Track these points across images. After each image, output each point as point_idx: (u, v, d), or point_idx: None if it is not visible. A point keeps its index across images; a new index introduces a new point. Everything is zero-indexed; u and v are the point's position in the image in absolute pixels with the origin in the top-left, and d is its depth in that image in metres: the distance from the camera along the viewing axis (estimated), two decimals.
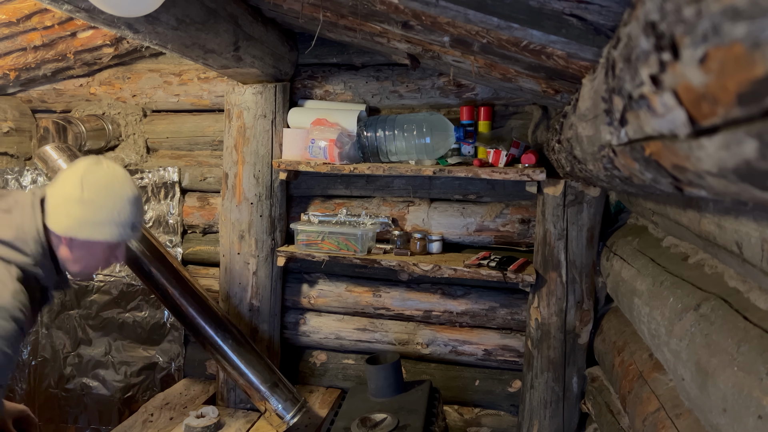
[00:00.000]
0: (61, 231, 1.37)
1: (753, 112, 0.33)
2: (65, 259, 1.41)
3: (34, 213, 1.37)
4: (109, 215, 1.38)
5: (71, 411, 2.71)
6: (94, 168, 1.39)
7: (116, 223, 1.39)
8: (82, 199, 1.35)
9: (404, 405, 1.90)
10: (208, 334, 2.06)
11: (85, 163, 1.40)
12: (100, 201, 1.37)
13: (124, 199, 1.39)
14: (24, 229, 1.35)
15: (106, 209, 1.37)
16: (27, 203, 1.38)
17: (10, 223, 1.35)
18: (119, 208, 1.38)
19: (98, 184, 1.37)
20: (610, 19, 1.03)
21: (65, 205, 1.36)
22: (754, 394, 0.76)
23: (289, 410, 2.06)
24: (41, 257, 1.37)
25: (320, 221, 2.29)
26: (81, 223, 1.36)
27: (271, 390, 2.06)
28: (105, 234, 1.38)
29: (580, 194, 1.95)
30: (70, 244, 1.39)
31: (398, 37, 1.73)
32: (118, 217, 1.39)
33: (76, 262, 1.42)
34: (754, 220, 0.82)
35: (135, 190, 1.44)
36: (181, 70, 2.52)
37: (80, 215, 1.36)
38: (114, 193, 1.38)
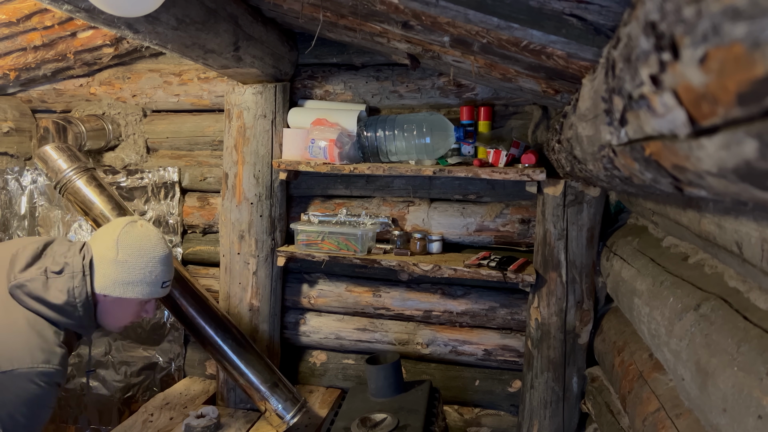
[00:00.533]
0: (98, 289, 1.47)
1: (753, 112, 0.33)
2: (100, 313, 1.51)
3: (84, 279, 1.44)
4: (141, 275, 1.48)
5: (71, 411, 2.71)
6: (129, 229, 1.50)
7: (147, 282, 1.50)
8: (117, 260, 1.46)
9: (404, 405, 1.90)
10: (208, 334, 2.06)
11: (122, 223, 1.51)
12: (133, 262, 1.47)
13: (155, 260, 1.50)
14: (74, 295, 1.42)
15: (138, 270, 1.48)
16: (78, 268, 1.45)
17: (61, 287, 1.42)
18: (150, 268, 1.49)
19: (132, 246, 1.48)
20: (610, 19, 1.03)
21: (101, 265, 1.46)
22: (754, 394, 0.76)
23: (289, 410, 2.06)
24: (86, 318, 1.46)
25: (320, 221, 2.29)
26: (115, 283, 1.47)
27: (271, 390, 2.06)
28: (137, 292, 1.49)
29: (580, 194, 1.95)
30: (105, 301, 1.49)
31: (398, 37, 1.73)
32: (150, 277, 1.50)
33: (110, 316, 1.52)
34: (754, 220, 0.82)
35: (166, 249, 1.55)
36: (181, 70, 2.52)
37: (114, 275, 1.46)
38: (146, 254, 1.49)
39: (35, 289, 1.40)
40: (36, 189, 2.71)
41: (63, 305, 1.40)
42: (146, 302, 1.56)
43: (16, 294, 1.40)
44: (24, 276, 1.41)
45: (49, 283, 1.41)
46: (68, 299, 1.41)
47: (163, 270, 1.53)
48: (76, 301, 1.42)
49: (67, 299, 1.41)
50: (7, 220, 2.73)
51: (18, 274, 1.41)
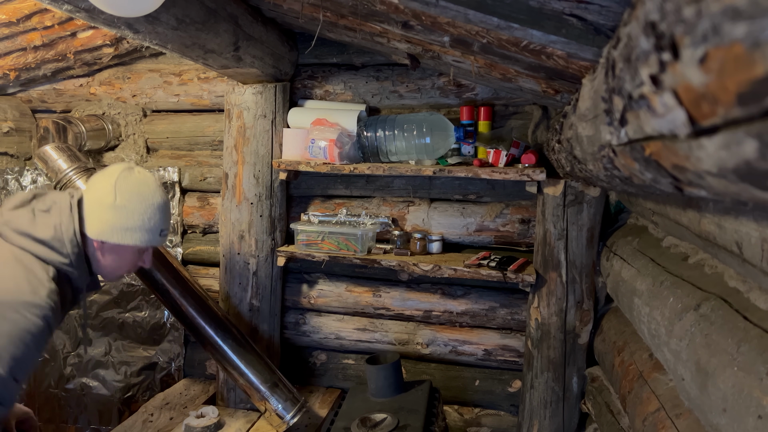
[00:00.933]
0: (94, 235, 1.44)
1: (753, 112, 0.33)
2: (96, 261, 1.48)
3: (71, 215, 1.42)
4: (140, 221, 1.45)
5: (71, 411, 2.71)
6: (126, 174, 1.46)
7: (146, 229, 1.46)
8: (115, 205, 1.42)
9: (404, 405, 1.90)
10: (208, 334, 2.06)
11: (119, 168, 1.47)
12: (132, 207, 1.44)
13: (153, 206, 1.47)
14: (62, 230, 1.40)
15: (137, 215, 1.44)
16: (65, 205, 1.43)
17: (48, 222, 1.40)
18: (149, 215, 1.46)
19: (130, 191, 1.44)
20: (610, 19, 1.03)
21: (98, 210, 1.43)
22: (754, 394, 0.76)
23: (289, 410, 2.06)
24: (76, 258, 1.42)
25: (320, 221, 2.29)
26: (113, 228, 1.43)
27: (271, 390, 2.06)
28: (135, 239, 1.46)
29: (580, 194, 1.95)
30: (102, 248, 1.46)
31: (398, 37, 1.73)
32: (148, 223, 1.46)
33: (107, 264, 1.49)
34: (754, 220, 0.82)
35: (164, 196, 1.51)
36: (181, 70, 2.52)
37: (112, 220, 1.43)
38: (145, 200, 1.46)
39: (21, 224, 1.38)
40: (36, 189, 2.71)
41: (50, 240, 1.38)
42: (144, 251, 1.52)
43: (4, 231, 1.39)
44: (12, 214, 1.41)
45: (37, 220, 1.39)
46: (55, 234, 1.38)
47: (162, 218, 1.49)
48: (63, 237, 1.39)
49: (53, 234, 1.38)
50: None
51: (6, 212, 1.41)
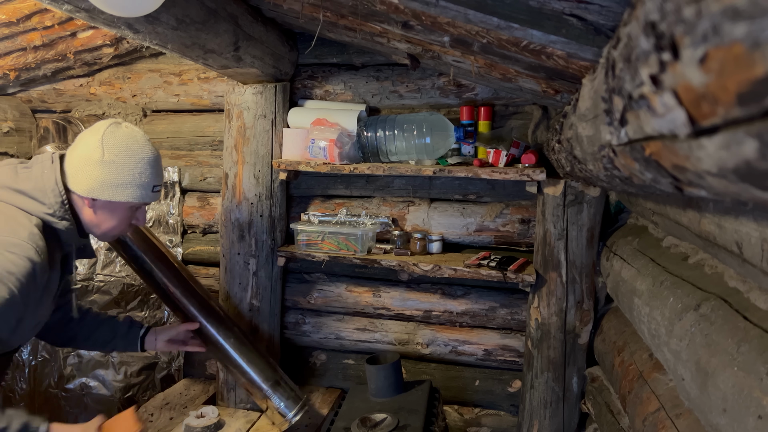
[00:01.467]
0: (84, 192, 1.39)
1: (753, 112, 0.33)
2: (88, 221, 1.44)
3: (53, 166, 1.39)
4: (131, 177, 1.40)
5: (71, 411, 2.71)
6: (114, 129, 1.41)
7: (137, 184, 1.42)
8: (103, 160, 1.38)
9: (404, 405, 1.90)
10: (210, 333, 2.05)
11: (105, 124, 1.42)
12: (121, 162, 1.39)
13: (144, 161, 1.42)
14: (43, 180, 1.37)
15: (127, 171, 1.40)
16: (47, 158, 1.41)
17: (29, 175, 1.38)
18: (140, 170, 1.41)
19: (119, 145, 1.39)
20: (610, 19, 1.03)
21: (87, 167, 1.38)
22: (754, 394, 0.76)
23: (291, 408, 2.06)
24: (60, 209, 1.38)
25: (320, 221, 2.29)
26: (103, 185, 1.39)
27: (273, 388, 2.05)
28: (126, 195, 1.41)
29: (580, 194, 1.95)
30: (93, 206, 1.42)
31: (398, 37, 1.73)
32: (139, 179, 1.42)
33: (99, 223, 1.45)
34: (754, 220, 0.82)
35: (154, 151, 1.46)
36: (181, 70, 2.52)
37: (102, 176, 1.38)
38: (134, 154, 1.41)
39: (4, 178, 1.36)
40: None
41: (30, 190, 1.35)
42: (137, 209, 1.48)
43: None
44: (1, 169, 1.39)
45: (19, 174, 1.38)
46: (35, 184, 1.36)
47: (153, 172, 1.44)
48: (45, 186, 1.36)
49: (34, 184, 1.36)
50: None
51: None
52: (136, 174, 1.41)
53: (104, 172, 1.38)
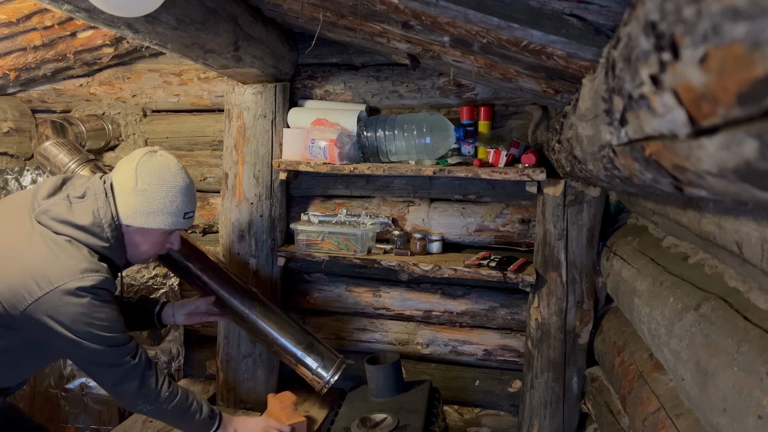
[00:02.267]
0: (121, 219, 1.46)
1: (753, 112, 0.33)
2: (125, 245, 1.51)
3: (107, 199, 1.45)
4: (162, 205, 1.46)
5: (71, 411, 2.70)
6: (148, 159, 1.48)
7: (168, 212, 1.48)
8: (136, 189, 1.45)
9: (404, 405, 1.90)
10: (234, 305, 1.99)
11: (141, 153, 1.49)
12: (153, 191, 1.45)
13: (175, 189, 1.48)
14: (100, 215, 1.43)
15: (158, 199, 1.46)
16: (100, 190, 1.46)
17: (86, 209, 1.43)
18: (171, 198, 1.47)
19: (151, 174, 1.46)
20: (610, 19, 1.03)
21: (122, 194, 1.46)
22: (754, 394, 0.76)
23: (328, 369, 1.97)
24: (116, 242, 1.46)
25: (320, 221, 2.29)
26: (136, 212, 1.46)
27: (307, 351, 1.98)
28: (158, 222, 1.48)
29: (580, 194, 1.95)
30: (128, 231, 1.48)
31: (398, 37, 1.73)
32: (170, 206, 1.48)
33: (134, 247, 1.52)
34: (754, 220, 0.82)
35: (186, 179, 1.52)
36: (181, 70, 2.52)
37: (135, 204, 1.45)
38: (166, 183, 1.47)
39: (60, 213, 1.41)
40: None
41: (90, 226, 1.41)
42: (170, 233, 1.55)
43: (43, 220, 1.41)
44: (48, 202, 1.43)
45: (74, 207, 1.42)
46: (94, 219, 1.42)
47: (185, 200, 1.50)
48: (102, 222, 1.43)
49: (93, 220, 1.42)
50: None
51: (42, 201, 1.44)
52: (167, 202, 1.47)
53: (137, 200, 1.45)
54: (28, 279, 1.32)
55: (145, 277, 2.57)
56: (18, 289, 1.32)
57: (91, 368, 1.45)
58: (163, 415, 1.55)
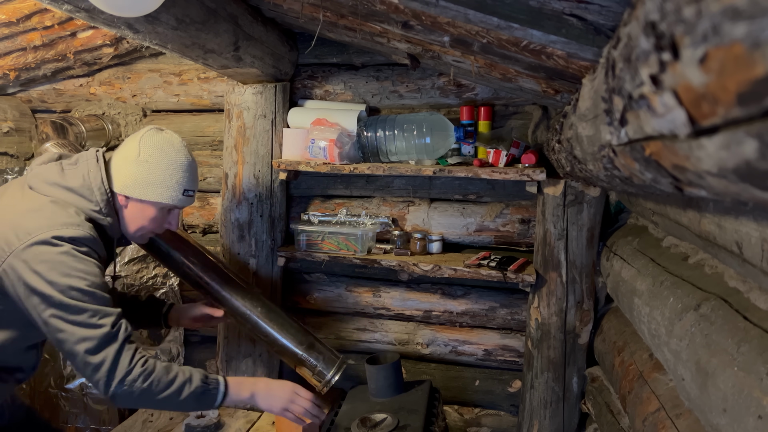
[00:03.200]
0: (118, 189, 1.46)
1: (753, 112, 0.33)
2: (122, 218, 1.50)
3: (98, 164, 1.46)
4: (161, 177, 1.46)
5: (71, 411, 2.70)
6: (154, 133, 1.50)
7: (168, 185, 1.47)
8: (138, 159, 1.45)
9: (404, 405, 1.90)
10: (235, 305, 1.98)
11: (148, 128, 1.51)
12: (154, 162, 1.46)
13: (177, 164, 1.48)
14: (89, 178, 1.43)
15: (159, 171, 1.46)
16: (92, 156, 1.47)
17: (76, 173, 1.44)
18: (171, 171, 1.47)
19: (155, 146, 1.47)
20: (610, 19, 1.03)
21: (124, 165, 1.46)
22: (754, 394, 0.76)
23: (329, 369, 1.96)
24: (106, 206, 1.45)
25: (320, 221, 2.29)
26: (135, 182, 1.45)
27: (308, 351, 1.97)
28: (157, 195, 1.47)
29: (580, 194, 1.95)
30: (126, 203, 1.48)
31: (398, 37, 1.73)
32: (170, 180, 1.47)
33: (132, 222, 1.51)
34: (754, 220, 0.82)
35: (189, 157, 1.53)
36: (181, 70, 2.52)
37: (135, 174, 1.45)
38: (168, 156, 1.47)
39: (51, 176, 1.42)
40: None
41: (78, 188, 1.41)
42: (169, 211, 1.53)
43: (33, 183, 1.42)
44: (40, 168, 1.45)
45: (65, 172, 1.44)
46: (84, 182, 1.42)
47: (185, 176, 1.50)
48: (92, 184, 1.43)
49: (82, 182, 1.42)
50: None
51: (35, 167, 1.46)
52: (168, 175, 1.47)
53: (138, 170, 1.45)
54: (8, 232, 1.31)
55: (145, 277, 2.57)
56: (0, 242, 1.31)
57: (65, 335, 1.31)
58: (140, 398, 1.37)
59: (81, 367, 1.33)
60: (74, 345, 1.30)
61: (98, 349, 1.31)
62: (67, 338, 1.31)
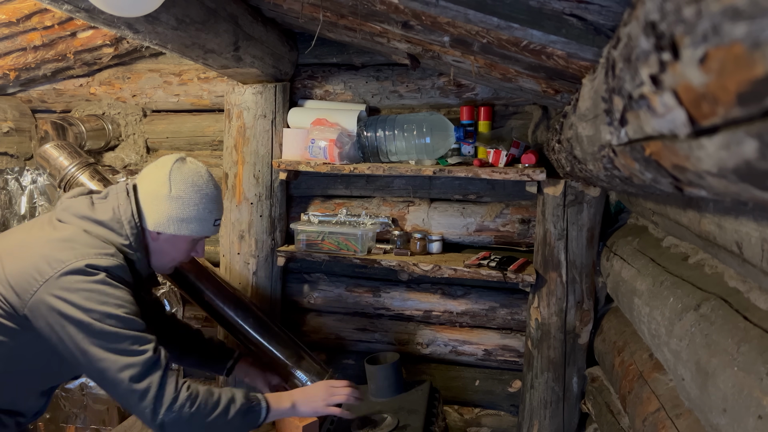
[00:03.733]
0: (150, 226, 1.45)
1: (753, 112, 0.33)
2: (152, 252, 1.49)
3: (128, 198, 1.44)
4: (195, 212, 1.45)
5: (71, 411, 2.70)
6: (179, 165, 1.47)
7: (201, 219, 1.47)
8: (170, 196, 1.43)
9: (404, 405, 1.90)
10: (228, 315, 2.01)
11: (172, 159, 1.48)
12: (187, 198, 1.44)
13: (208, 197, 1.48)
14: (120, 212, 1.42)
15: (192, 206, 1.45)
16: (122, 189, 1.46)
17: (106, 207, 1.43)
18: (204, 205, 1.47)
19: (185, 181, 1.45)
20: (610, 19, 1.03)
21: (154, 202, 1.44)
22: (754, 394, 0.76)
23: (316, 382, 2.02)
24: (135, 240, 1.43)
25: (320, 221, 2.29)
26: (169, 219, 1.44)
27: (297, 364, 2.01)
28: (190, 230, 1.46)
29: (580, 194, 1.95)
30: (158, 239, 1.46)
31: (398, 37, 1.73)
32: (203, 214, 1.47)
33: (162, 255, 1.50)
34: (754, 220, 0.82)
35: (217, 186, 1.53)
36: (181, 70, 2.52)
37: (168, 211, 1.43)
38: (199, 190, 1.46)
39: (81, 209, 1.41)
40: (36, 189, 2.71)
41: (108, 221, 1.40)
42: (197, 241, 1.53)
43: (63, 217, 1.41)
44: (70, 201, 1.45)
45: (95, 206, 1.43)
46: (113, 215, 1.41)
47: (215, 207, 1.50)
48: (122, 218, 1.41)
49: (112, 215, 1.41)
50: (7, 220, 2.73)
51: (65, 200, 1.46)
52: (200, 209, 1.46)
53: (171, 207, 1.43)
54: (40, 261, 1.29)
55: None
56: (30, 272, 1.28)
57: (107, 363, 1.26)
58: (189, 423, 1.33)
59: (126, 396, 1.29)
60: (117, 373, 1.26)
61: (143, 376, 1.28)
62: (108, 366, 1.26)
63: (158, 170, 1.46)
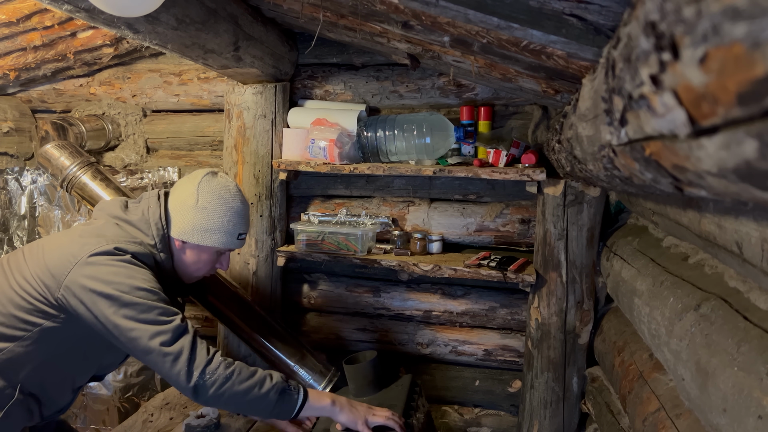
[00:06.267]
0: (176, 234, 1.51)
1: (753, 112, 0.33)
2: (177, 262, 1.55)
3: (158, 203, 1.52)
4: (219, 223, 1.51)
5: (71, 411, 2.70)
6: (210, 178, 1.54)
7: (225, 231, 1.52)
8: (197, 206, 1.50)
9: (384, 401, 1.88)
10: (230, 314, 2.02)
11: (203, 172, 1.55)
12: (213, 209, 1.50)
13: (233, 210, 1.53)
14: (148, 213, 1.50)
15: (217, 217, 1.51)
16: (153, 195, 1.55)
17: (136, 209, 1.52)
18: (229, 218, 1.52)
19: (212, 193, 1.51)
20: (610, 19, 1.03)
21: (181, 211, 1.51)
22: (754, 394, 0.76)
23: (320, 382, 2.01)
24: (161, 242, 1.50)
25: (320, 221, 2.29)
26: (194, 229, 1.50)
27: (300, 363, 2.01)
28: (214, 240, 1.52)
29: (580, 194, 1.95)
30: (182, 248, 1.53)
31: (398, 37, 1.73)
32: (227, 226, 1.52)
33: (187, 265, 1.56)
34: (754, 220, 0.82)
35: (244, 201, 1.58)
36: (181, 70, 2.52)
37: (194, 221, 1.50)
38: (225, 203, 1.52)
39: (114, 210, 1.52)
40: (36, 189, 2.71)
41: (137, 221, 1.49)
42: (222, 254, 1.58)
43: (97, 214, 1.52)
44: (107, 203, 1.57)
45: (128, 208, 1.54)
46: (142, 216, 1.50)
47: (241, 221, 1.55)
48: (150, 219, 1.49)
49: (141, 216, 1.50)
50: (7, 220, 2.73)
51: (102, 203, 1.58)
52: (225, 221, 1.51)
53: (197, 217, 1.49)
54: (73, 246, 1.39)
55: None
56: (65, 255, 1.37)
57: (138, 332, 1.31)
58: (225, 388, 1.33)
59: (159, 362, 1.32)
60: (149, 341, 1.32)
61: (174, 340, 1.33)
62: (140, 335, 1.32)
63: (189, 182, 1.53)
